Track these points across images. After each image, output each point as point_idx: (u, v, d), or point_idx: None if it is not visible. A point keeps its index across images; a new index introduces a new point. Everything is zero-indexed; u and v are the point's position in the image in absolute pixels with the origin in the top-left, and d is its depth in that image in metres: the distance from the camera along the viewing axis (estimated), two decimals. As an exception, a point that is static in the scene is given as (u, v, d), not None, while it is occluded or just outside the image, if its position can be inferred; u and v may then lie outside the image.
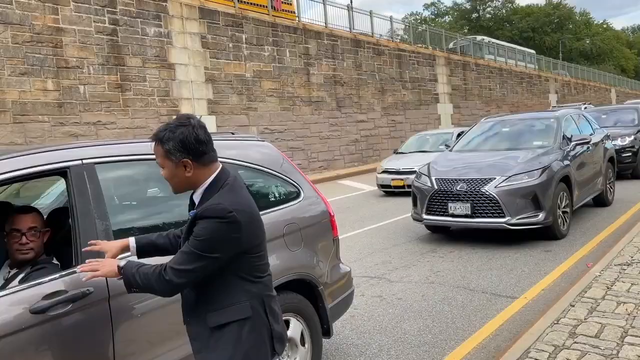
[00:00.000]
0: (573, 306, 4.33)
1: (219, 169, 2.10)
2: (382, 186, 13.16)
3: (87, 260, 2.19)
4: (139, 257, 2.31)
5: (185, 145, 1.99)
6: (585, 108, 18.00)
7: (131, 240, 2.33)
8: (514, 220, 6.92)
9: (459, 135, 13.75)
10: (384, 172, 13.20)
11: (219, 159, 2.17)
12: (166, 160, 2.03)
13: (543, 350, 3.56)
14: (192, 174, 2.03)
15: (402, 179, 12.52)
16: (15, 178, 2.39)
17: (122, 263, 2.08)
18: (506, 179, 7.06)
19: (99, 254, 2.31)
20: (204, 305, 2.06)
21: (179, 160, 2.01)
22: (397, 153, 14.57)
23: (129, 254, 2.33)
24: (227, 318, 2.02)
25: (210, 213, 1.94)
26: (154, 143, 2.07)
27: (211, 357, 2.04)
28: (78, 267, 2.22)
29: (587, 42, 71.20)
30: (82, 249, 2.37)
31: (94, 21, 13.15)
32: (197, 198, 2.08)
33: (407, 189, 12.10)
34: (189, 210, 2.14)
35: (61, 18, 12.52)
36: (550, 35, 65.59)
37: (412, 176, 11.91)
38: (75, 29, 12.77)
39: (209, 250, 1.94)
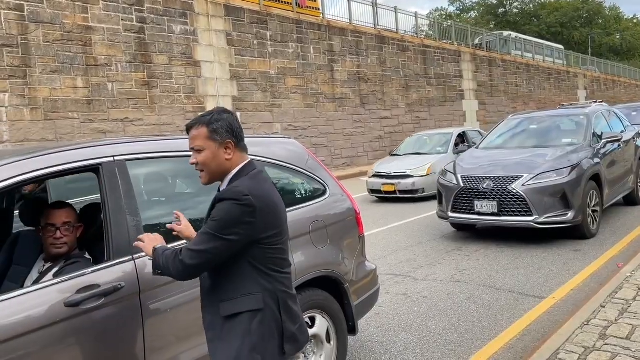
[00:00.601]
0: (603, 307, 4.25)
1: (247, 161, 2.17)
2: (372, 191, 12.26)
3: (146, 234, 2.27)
4: None
5: (232, 127, 2.11)
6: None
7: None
8: (542, 219, 6.81)
9: (459, 136, 13.25)
10: (374, 175, 12.34)
11: None
12: (209, 141, 2.08)
13: (572, 352, 3.50)
14: (232, 157, 2.10)
15: (393, 184, 11.74)
16: (50, 175, 2.45)
17: (159, 245, 2.14)
18: (534, 177, 6.95)
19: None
20: (218, 294, 2.08)
21: (224, 140, 2.09)
22: (392, 155, 13.85)
23: None
24: (239, 308, 2.03)
25: (227, 195, 2.01)
26: (194, 127, 2.12)
27: (222, 346, 2.05)
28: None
29: (617, 37, 69.50)
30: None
31: (122, 19, 13.36)
32: (225, 184, 2.14)
33: (398, 195, 11.66)
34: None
35: (90, 17, 12.74)
36: (579, 30, 64.22)
37: (405, 181, 11.55)
38: (104, 27, 12.99)
39: (223, 231, 1.96)
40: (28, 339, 2.14)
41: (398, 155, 13.48)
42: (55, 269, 2.61)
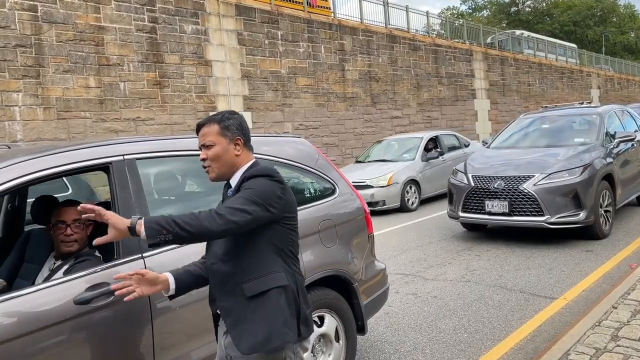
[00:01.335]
0: (615, 308, 4.20)
1: (253, 160, 2.25)
2: None
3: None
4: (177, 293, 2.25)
5: (242, 126, 2.22)
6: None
7: (169, 275, 2.21)
8: (553, 219, 6.75)
9: (430, 140, 12.02)
10: None
11: (256, 155, 2.27)
12: (220, 137, 2.16)
13: (584, 353, 3.47)
14: (240, 154, 2.18)
15: None
16: (61, 173, 2.47)
17: (135, 217, 1.91)
18: (546, 177, 6.89)
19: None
20: (239, 277, 2.07)
21: (234, 137, 2.18)
22: (357, 162, 13.07)
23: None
24: (266, 285, 2.05)
25: (260, 172, 2.10)
26: (206, 125, 2.19)
27: (249, 327, 2.04)
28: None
29: (632, 35, 68.67)
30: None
31: (134, 19, 13.44)
32: (234, 181, 2.18)
33: None
34: (225, 191, 2.24)
35: (103, 17, 12.84)
36: (593, 29, 63.54)
37: (364, 192, 9.93)
38: (116, 27, 13.08)
39: (262, 199, 2.00)
40: (39, 336, 2.16)
41: (362, 162, 12.59)
42: (65, 267, 2.64)
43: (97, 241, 1.96)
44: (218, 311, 2.18)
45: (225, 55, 15.63)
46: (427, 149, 11.88)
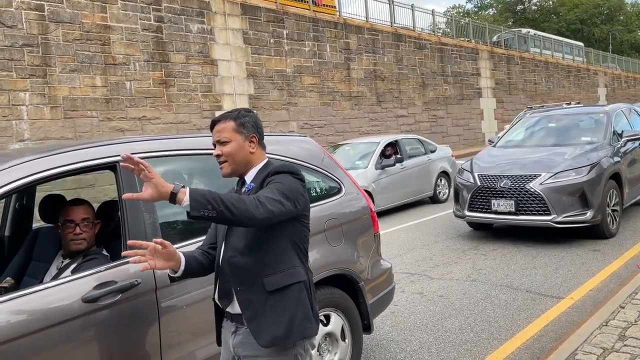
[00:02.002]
0: (623, 308, 4.18)
1: (267, 159, 2.27)
2: None
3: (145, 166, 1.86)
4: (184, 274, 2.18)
5: (257, 124, 2.23)
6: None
7: (181, 256, 2.13)
8: (560, 219, 6.73)
9: (387, 145, 10.69)
10: None
11: None
12: (236, 134, 2.16)
13: (591, 353, 3.45)
14: (255, 151, 2.19)
15: None
16: (69, 172, 2.48)
17: (179, 184, 1.84)
18: (552, 176, 6.87)
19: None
20: (259, 271, 2.06)
21: (250, 134, 2.18)
22: None
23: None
24: (287, 280, 2.07)
25: (286, 168, 2.11)
26: (221, 122, 2.19)
27: (269, 320, 2.03)
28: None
29: (639, 33, 68.24)
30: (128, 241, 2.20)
31: (140, 19, 13.47)
32: (249, 177, 2.19)
33: None
34: (239, 188, 2.23)
35: (109, 16, 12.88)
36: (600, 27, 63.19)
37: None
38: (122, 26, 13.12)
39: (292, 194, 2.02)
40: (48, 333, 2.17)
41: None
42: (73, 265, 2.65)
43: (126, 196, 1.84)
44: (228, 309, 2.15)
45: (230, 54, 15.65)
46: (384, 155, 10.50)
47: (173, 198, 1.79)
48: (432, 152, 11.64)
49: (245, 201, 1.86)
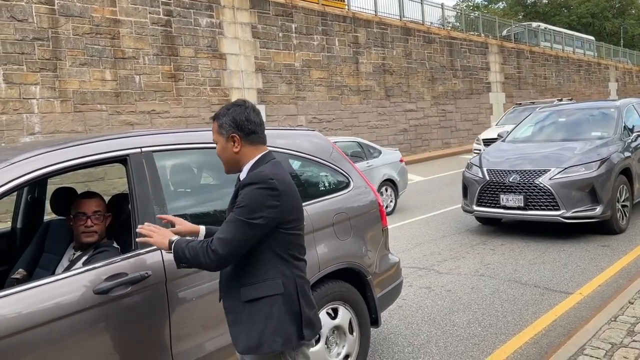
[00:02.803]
0: (632, 303, 4.17)
1: (265, 151, 2.23)
2: None
3: (146, 223, 2.23)
4: None
5: (236, 122, 2.16)
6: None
7: (202, 228, 2.32)
8: (569, 214, 6.70)
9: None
10: None
11: (271, 148, 2.25)
12: (218, 135, 2.20)
13: (599, 348, 3.45)
14: (239, 150, 2.17)
15: None
16: (80, 165, 2.51)
17: (174, 238, 2.12)
18: (562, 171, 6.83)
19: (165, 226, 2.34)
20: (238, 279, 2.14)
21: (229, 135, 2.17)
22: None
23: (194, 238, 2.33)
24: (260, 293, 2.09)
25: (253, 179, 2.07)
26: (213, 122, 2.24)
27: (244, 329, 2.11)
28: (138, 227, 2.23)
29: (652, 27, 67.38)
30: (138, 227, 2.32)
31: (149, 12, 13.50)
32: (242, 176, 2.20)
33: None
34: (236, 185, 2.24)
35: (118, 10, 12.92)
36: (611, 21, 62.45)
37: None
38: (132, 20, 13.15)
39: (252, 216, 2.01)
40: (59, 324, 2.20)
41: None
42: (84, 257, 2.68)
43: (140, 240, 2.24)
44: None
45: (239, 48, 15.65)
46: None
47: (170, 248, 2.12)
48: (375, 156, 10.05)
49: (198, 253, 2.04)
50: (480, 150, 13.63)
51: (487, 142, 14.19)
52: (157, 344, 2.51)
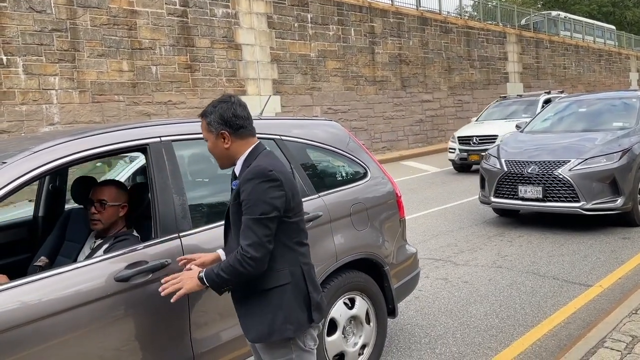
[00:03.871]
0: (653, 296, 4.11)
1: (256, 143, 2.24)
2: None
3: (163, 280, 2.23)
4: None
5: (224, 118, 2.17)
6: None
7: (220, 252, 2.35)
8: (589, 206, 6.61)
9: None
10: None
11: (288, 138, 2.25)
12: (208, 132, 2.21)
13: (620, 341, 3.41)
14: (229, 146, 2.19)
15: None
16: (101, 154, 2.53)
17: (202, 273, 2.12)
18: (582, 162, 6.73)
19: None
20: None
21: (218, 132, 2.17)
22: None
23: None
24: (269, 284, 2.12)
25: (252, 175, 2.07)
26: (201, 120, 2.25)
27: (254, 320, 2.15)
28: (160, 286, 2.21)
29: (675, 16, 65.84)
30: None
31: (165, 3, 13.53)
32: (237, 170, 2.22)
33: None
34: (232, 182, 2.26)
35: (135, 1, 12.97)
36: (632, 10, 61.15)
37: None
38: (148, 11, 13.20)
39: (266, 210, 2.03)
40: (80, 311, 2.23)
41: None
42: (105, 246, 2.71)
43: (171, 297, 2.20)
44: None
45: (255, 38, 15.64)
46: None
47: (203, 282, 2.12)
48: None
49: (236, 267, 2.04)
50: (454, 149, 13.39)
51: (463, 140, 13.24)
52: (177, 330, 2.54)
